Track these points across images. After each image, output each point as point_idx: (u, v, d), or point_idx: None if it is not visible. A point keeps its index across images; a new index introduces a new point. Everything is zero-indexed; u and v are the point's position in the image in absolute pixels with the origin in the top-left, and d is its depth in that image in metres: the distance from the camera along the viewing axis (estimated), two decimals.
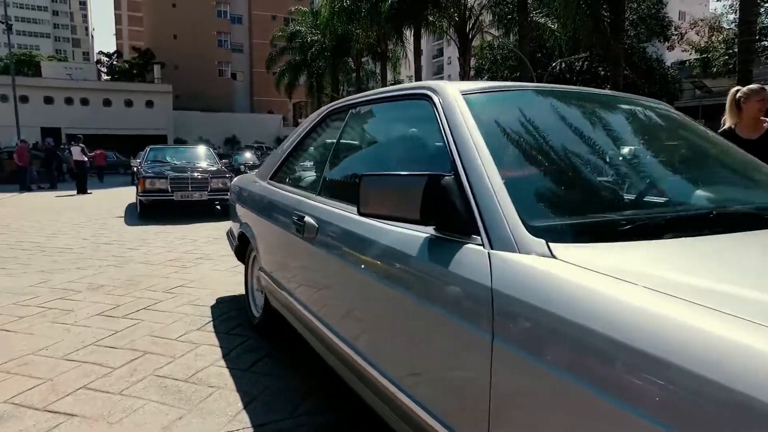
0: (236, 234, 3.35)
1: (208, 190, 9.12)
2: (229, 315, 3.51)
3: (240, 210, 3.31)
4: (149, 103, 40.35)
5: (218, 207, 9.85)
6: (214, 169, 10.07)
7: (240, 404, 2.26)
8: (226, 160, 16.89)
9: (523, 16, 17.03)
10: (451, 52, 61.46)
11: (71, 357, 2.79)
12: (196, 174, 9.30)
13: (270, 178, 2.92)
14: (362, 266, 1.60)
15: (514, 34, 19.88)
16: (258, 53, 51.93)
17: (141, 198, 9.04)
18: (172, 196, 8.92)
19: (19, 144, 18.01)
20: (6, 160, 19.66)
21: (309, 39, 30.67)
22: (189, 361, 2.72)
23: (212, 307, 3.70)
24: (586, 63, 24.77)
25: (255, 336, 3.09)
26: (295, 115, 54.86)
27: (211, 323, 3.34)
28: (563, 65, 25.07)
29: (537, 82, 19.72)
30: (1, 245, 6.37)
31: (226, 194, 8.47)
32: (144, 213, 9.16)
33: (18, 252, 5.91)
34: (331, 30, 25.24)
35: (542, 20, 18.57)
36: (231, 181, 8.25)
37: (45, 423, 2.11)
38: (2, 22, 24.15)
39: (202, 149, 11.78)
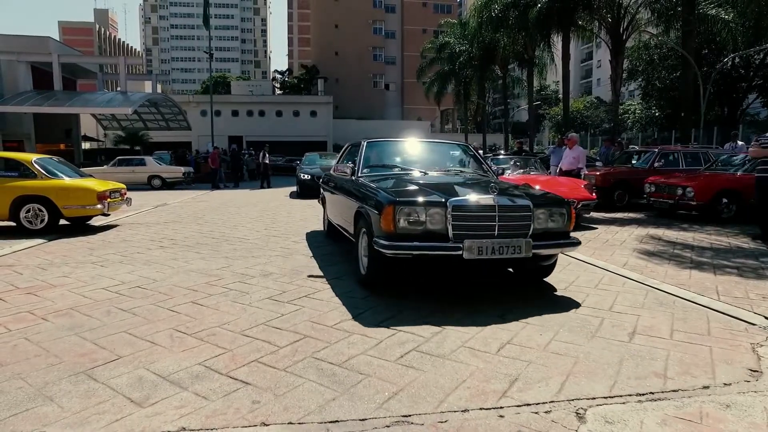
0: None
1: (529, 234, 3.77)
2: (378, 308, 3.61)
3: None
4: (313, 113, 43.73)
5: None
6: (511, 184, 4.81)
7: (387, 393, 2.29)
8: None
9: (689, 9, 15.04)
10: (601, 55, 56.80)
11: (247, 333, 3.10)
12: (507, 199, 3.84)
13: None
14: None
15: (677, 30, 17.64)
16: (409, 64, 53.40)
17: (385, 249, 3.62)
18: (460, 247, 3.57)
19: (212, 150, 20.80)
20: (203, 164, 22.92)
21: (457, 49, 30.69)
22: (343, 348, 2.85)
23: (362, 299, 3.85)
24: None
25: (403, 330, 3.14)
26: (443, 122, 55.27)
27: (363, 314, 3.46)
28: (737, 60, 21.70)
29: (702, 82, 17.32)
30: (198, 234, 7.38)
31: (566, 244, 3.94)
32: (380, 274, 4.01)
33: (209, 240, 6.79)
34: (478, 39, 24.94)
35: (712, 11, 16.21)
36: (568, 208, 3.97)
37: (227, 386, 2.37)
38: (206, 53, 28.12)
39: (451, 146, 6.16)
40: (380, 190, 4.10)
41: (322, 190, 7.01)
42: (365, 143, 5.54)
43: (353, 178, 5.07)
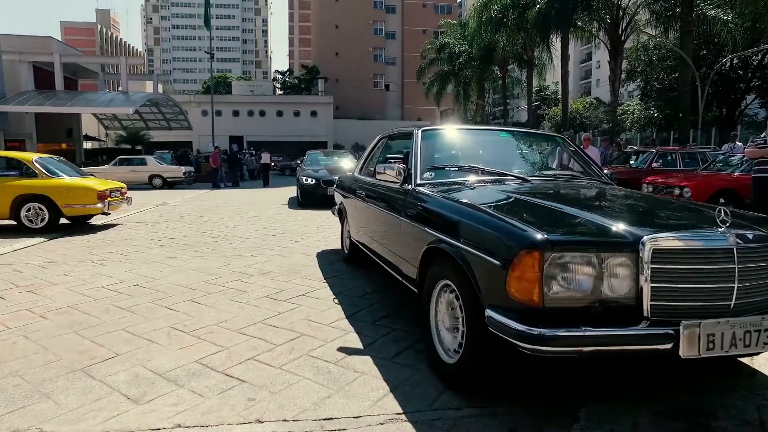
0: None
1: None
2: (375, 307, 3.62)
3: None
4: (313, 113, 43.84)
5: None
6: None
7: (381, 391, 2.30)
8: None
9: (688, 10, 15.05)
10: (600, 55, 56.75)
11: (244, 331, 3.10)
12: (746, 235, 1.85)
13: None
14: None
15: (675, 31, 17.65)
16: (409, 65, 53.40)
17: (527, 344, 1.71)
18: (671, 335, 1.69)
19: (213, 150, 20.82)
20: (203, 164, 22.96)
21: (457, 50, 30.69)
22: (339, 346, 2.85)
23: (360, 297, 3.86)
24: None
25: (399, 327, 3.14)
26: (442, 122, 55.39)
27: (359, 313, 3.47)
28: (735, 61, 21.68)
29: (699, 83, 17.31)
30: (197, 233, 7.38)
31: None
32: (490, 370, 2.19)
33: (209, 239, 6.79)
34: (478, 40, 24.96)
35: (711, 12, 16.21)
36: None
37: (223, 383, 2.37)
38: (207, 53, 28.15)
39: (541, 137, 4.29)
40: (491, 215, 2.15)
41: (340, 198, 5.26)
42: (420, 133, 3.42)
43: (408, 186, 3.09)
